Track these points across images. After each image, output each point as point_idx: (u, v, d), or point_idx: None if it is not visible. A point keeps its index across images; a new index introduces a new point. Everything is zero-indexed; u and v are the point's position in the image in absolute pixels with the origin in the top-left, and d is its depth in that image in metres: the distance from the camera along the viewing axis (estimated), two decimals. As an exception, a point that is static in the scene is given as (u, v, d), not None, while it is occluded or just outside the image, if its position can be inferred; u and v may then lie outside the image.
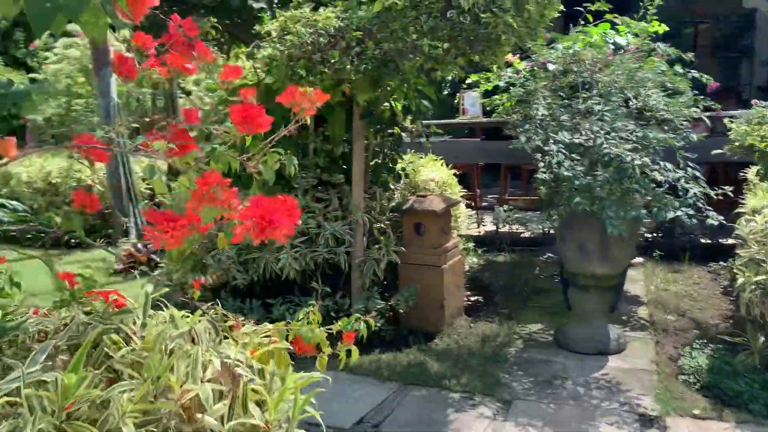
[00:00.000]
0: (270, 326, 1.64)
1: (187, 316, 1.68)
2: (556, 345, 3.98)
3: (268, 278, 4.12)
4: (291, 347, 1.59)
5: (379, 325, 3.97)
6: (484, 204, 7.77)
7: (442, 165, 5.22)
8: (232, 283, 4.23)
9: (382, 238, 4.24)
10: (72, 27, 7.83)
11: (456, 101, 7.69)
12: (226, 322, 1.57)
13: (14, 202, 7.63)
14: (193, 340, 1.53)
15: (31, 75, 10.35)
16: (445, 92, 9.58)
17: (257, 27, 3.75)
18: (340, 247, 4.07)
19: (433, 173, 4.86)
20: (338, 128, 4.08)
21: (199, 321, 1.57)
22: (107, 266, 6.28)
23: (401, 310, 4.09)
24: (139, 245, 6.32)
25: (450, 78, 3.58)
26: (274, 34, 3.62)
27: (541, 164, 3.48)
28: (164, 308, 1.74)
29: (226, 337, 1.64)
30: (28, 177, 7.71)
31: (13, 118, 8.55)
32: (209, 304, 1.61)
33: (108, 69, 6.78)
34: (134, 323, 1.42)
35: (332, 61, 3.44)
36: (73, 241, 6.61)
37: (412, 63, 3.33)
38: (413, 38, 3.20)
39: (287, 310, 3.98)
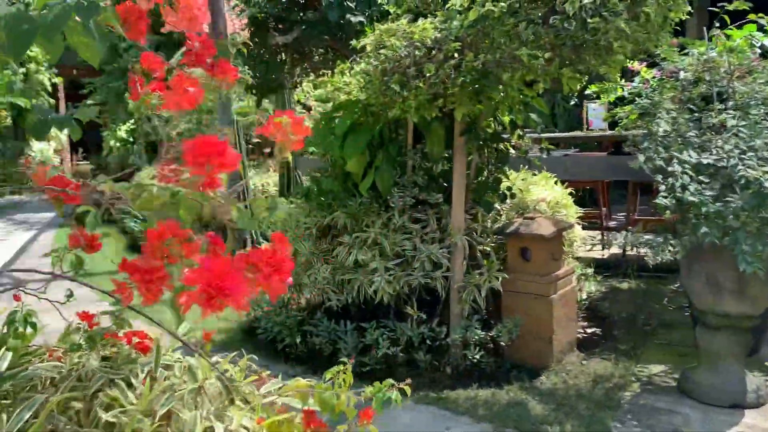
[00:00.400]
0: (302, 382, 1.44)
1: (218, 362, 1.52)
2: (680, 392, 3.48)
3: (363, 301, 3.95)
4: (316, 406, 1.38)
5: (478, 357, 3.70)
6: (612, 223, 7.17)
7: (556, 183, 4.81)
8: (327, 304, 4.10)
9: (485, 261, 3.94)
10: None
11: (584, 113, 7.19)
12: (246, 378, 1.38)
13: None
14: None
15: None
16: (572, 103, 9.06)
17: (353, 42, 3.60)
18: (436, 271, 3.82)
19: (544, 192, 4.47)
20: (437, 145, 3.83)
21: (224, 372, 1.41)
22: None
23: (503, 343, 3.77)
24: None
25: (569, 89, 3.20)
26: (369, 48, 3.45)
27: (663, 187, 3.04)
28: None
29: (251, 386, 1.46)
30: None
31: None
32: (234, 353, 1.43)
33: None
34: (137, 376, 1.27)
35: (427, 75, 3.22)
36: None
37: (511, 74, 3.02)
38: (512, 47, 2.90)
39: (381, 335, 3.79)
